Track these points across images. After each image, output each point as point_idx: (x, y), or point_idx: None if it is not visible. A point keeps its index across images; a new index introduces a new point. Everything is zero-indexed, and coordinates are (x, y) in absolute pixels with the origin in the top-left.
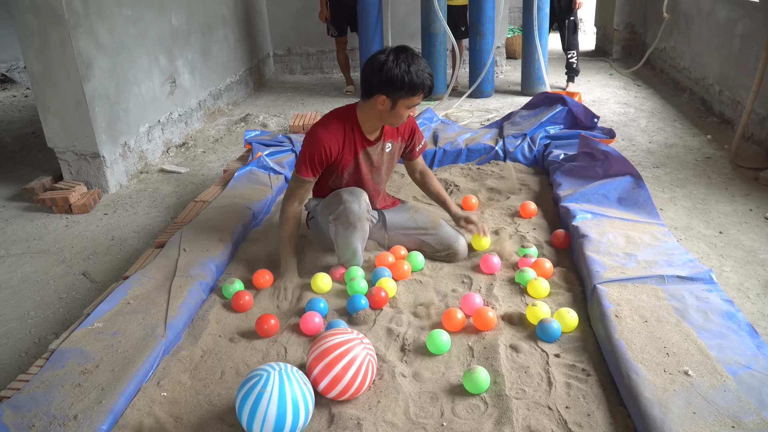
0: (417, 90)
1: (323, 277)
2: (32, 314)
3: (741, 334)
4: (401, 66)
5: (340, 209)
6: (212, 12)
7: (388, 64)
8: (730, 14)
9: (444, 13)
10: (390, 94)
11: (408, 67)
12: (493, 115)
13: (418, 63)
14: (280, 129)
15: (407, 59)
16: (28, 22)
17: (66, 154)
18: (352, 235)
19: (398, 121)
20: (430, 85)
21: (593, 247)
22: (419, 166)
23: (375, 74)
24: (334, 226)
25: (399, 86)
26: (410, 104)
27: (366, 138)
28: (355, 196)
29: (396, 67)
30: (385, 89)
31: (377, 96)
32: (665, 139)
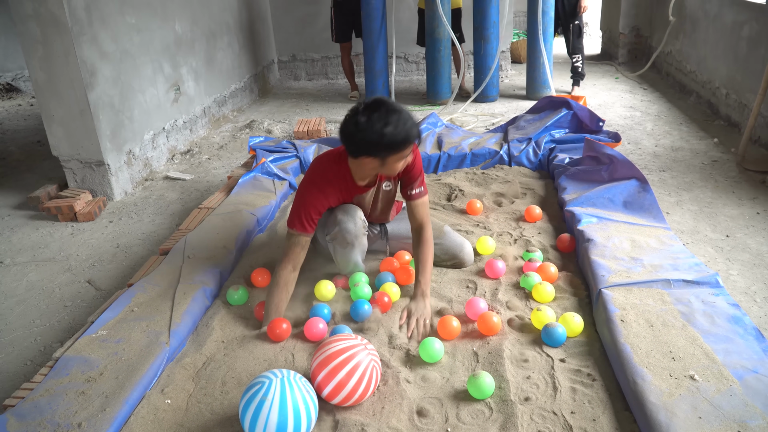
0: (401, 146)
1: (326, 285)
2: (37, 322)
3: (747, 338)
4: (377, 128)
5: (335, 230)
6: (216, 19)
7: (362, 127)
8: (737, 17)
9: (448, 18)
10: (377, 155)
11: (384, 127)
12: (498, 119)
13: (395, 118)
14: (284, 135)
15: (382, 118)
16: (31, 30)
17: (71, 162)
18: (351, 252)
19: (393, 172)
20: (416, 134)
21: (598, 251)
22: (417, 219)
23: (354, 137)
24: (332, 245)
25: (382, 148)
26: (401, 157)
27: (359, 186)
28: (349, 215)
29: (372, 131)
30: (370, 151)
31: (363, 158)
32: (671, 142)
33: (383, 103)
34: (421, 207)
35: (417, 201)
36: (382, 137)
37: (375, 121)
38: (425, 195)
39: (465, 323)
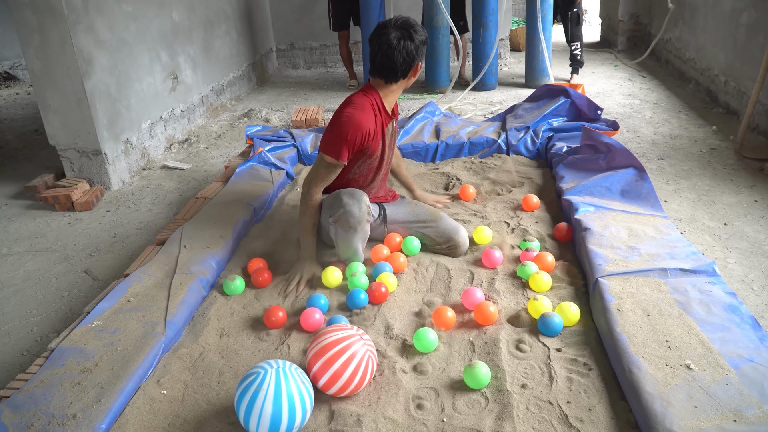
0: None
1: (333, 271)
2: (34, 312)
3: (744, 327)
4: (413, 28)
5: (340, 212)
6: (214, 7)
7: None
8: (736, 4)
9: (447, 6)
10: (422, 58)
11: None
12: (496, 107)
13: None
14: (282, 124)
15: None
16: (27, 19)
17: (68, 151)
18: (353, 237)
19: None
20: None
21: (596, 240)
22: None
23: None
24: (334, 227)
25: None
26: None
27: (387, 114)
28: (355, 199)
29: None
30: (420, 56)
31: (417, 65)
32: (670, 130)
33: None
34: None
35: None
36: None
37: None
38: None
39: (461, 313)
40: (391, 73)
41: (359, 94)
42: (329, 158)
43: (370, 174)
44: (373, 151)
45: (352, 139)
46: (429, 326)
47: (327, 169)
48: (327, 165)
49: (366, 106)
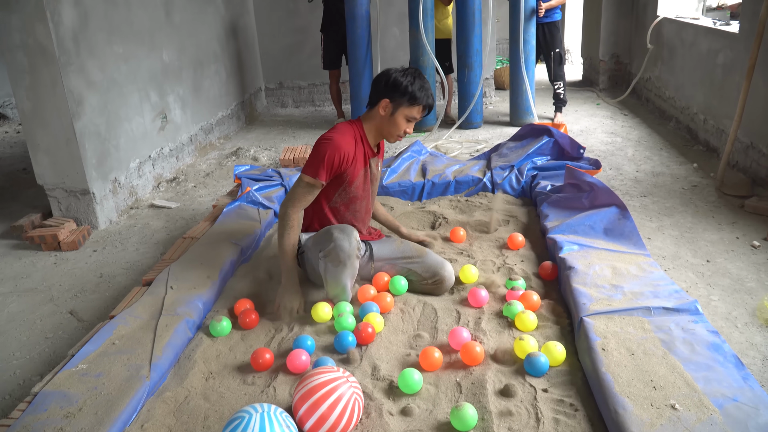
0: (417, 101)
1: (324, 306)
2: (17, 355)
3: (727, 366)
4: (408, 77)
5: (330, 246)
6: (204, 48)
7: (396, 73)
8: (712, 45)
9: (432, 47)
10: (393, 99)
11: (414, 79)
12: (482, 146)
13: (423, 81)
14: (271, 162)
15: (414, 75)
16: (18, 60)
17: (56, 191)
18: (342, 272)
19: (395, 132)
20: (431, 103)
21: (580, 279)
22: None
23: (384, 80)
24: (324, 262)
25: (402, 92)
26: (409, 115)
27: (371, 149)
28: (345, 234)
29: (403, 77)
30: (390, 93)
31: (382, 100)
32: (652, 167)
33: (418, 70)
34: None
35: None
36: (410, 84)
37: (409, 74)
38: None
39: (448, 353)
40: (370, 94)
41: (344, 122)
42: (307, 177)
43: (352, 205)
44: (352, 178)
45: (329, 159)
46: (416, 367)
47: (305, 189)
48: (305, 185)
49: (346, 132)
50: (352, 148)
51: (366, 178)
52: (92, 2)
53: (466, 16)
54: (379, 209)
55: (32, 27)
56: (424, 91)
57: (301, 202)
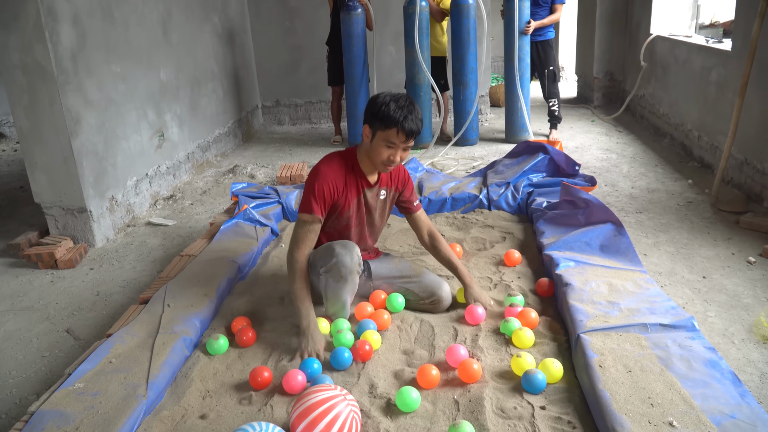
0: (390, 123)
1: (322, 322)
2: (14, 374)
3: (724, 382)
4: (386, 99)
5: (332, 262)
6: (201, 66)
7: (379, 98)
8: (705, 62)
9: (428, 65)
10: (371, 124)
11: (390, 101)
12: (478, 162)
13: (405, 104)
14: (267, 180)
15: (397, 99)
16: (17, 79)
17: (53, 209)
18: (343, 288)
19: (379, 159)
20: (408, 126)
21: (576, 295)
22: (425, 226)
23: (367, 106)
24: (325, 278)
25: (377, 116)
26: (387, 139)
27: (366, 179)
28: (347, 249)
29: (382, 101)
30: (368, 119)
31: (364, 127)
32: (647, 184)
33: (409, 96)
34: (424, 215)
35: (420, 212)
36: (384, 106)
37: (391, 98)
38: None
39: (445, 371)
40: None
41: (339, 151)
42: (304, 215)
43: (345, 232)
44: (343, 208)
45: (320, 192)
46: (413, 385)
47: (305, 229)
48: (303, 224)
49: (334, 161)
50: (342, 177)
51: (360, 208)
52: (91, 22)
53: (461, 34)
54: (442, 249)
55: (31, 47)
56: (400, 113)
57: (305, 243)
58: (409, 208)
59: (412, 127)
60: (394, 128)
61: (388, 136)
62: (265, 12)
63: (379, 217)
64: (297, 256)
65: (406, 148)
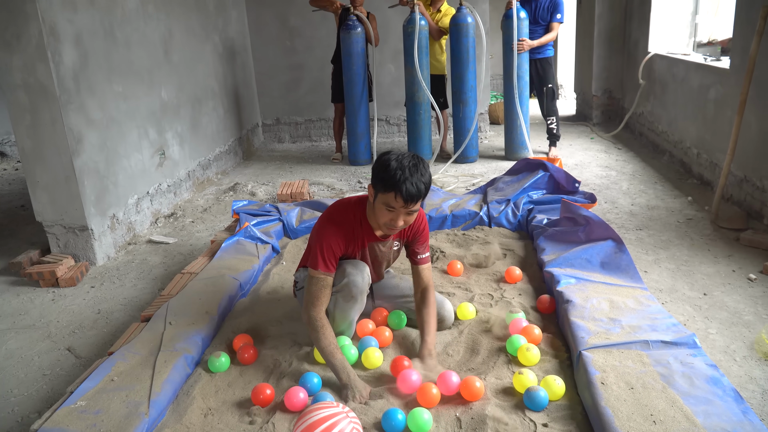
0: (390, 187)
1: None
2: (15, 392)
3: (726, 399)
4: (392, 162)
5: (344, 282)
6: (202, 85)
7: (383, 156)
8: (703, 80)
9: (427, 83)
10: (374, 185)
11: (395, 165)
12: (477, 180)
13: (407, 165)
14: (268, 197)
15: (401, 160)
16: (19, 99)
17: (54, 227)
18: (352, 308)
19: (380, 221)
20: (409, 191)
21: (578, 312)
22: (423, 282)
23: (377, 168)
24: (335, 298)
25: (378, 176)
26: (386, 203)
27: (374, 234)
28: (358, 270)
29: (385, 162)
30: (373, 178)
31: (369, 186)
32: (647, 201)
33: (416, 156)
34: (427, 270)
35: (424, 265)
36: (385, 169)
37: (395, 159)
38: (429, 261)
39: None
40: None
41: (350, 200)
42: (315, 273)
43: None
44: (351, 256)
45: (328, 249)
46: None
47: (317, 286)
48: (316, 281)
49: (344, 213)
50: (349, 233)
51: (365, 257)
52: (92, 42)
53: (461, 52)
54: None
55: (33, 67)
56: (400, 176)
57: (320, 300)
58: (414, 260)
59: (411, 191)
60: (392, 192)
61: (387, 199)
62: (265, 31)
63: (389, 261)
64: (315, 314)
65: (410, 212)
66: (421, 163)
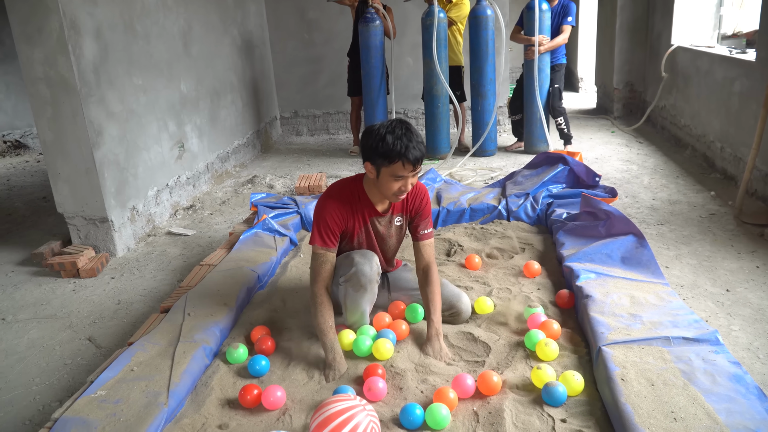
0: (392, 158)
1: (348, 333)
2: (37, 381)
3: (750, 397)
4: (382, 134)
5: (351, 271)
6: (221, 78)
7: (373, 132)
8: (728, 73)
9: (446, 75)
10: (372, 161)
11: (385, 134)
12: (496, 173)
13: (402, 133)
14: (286, 190)
15: (393, 129)
16: (41, 92)
17: (75, 219)
18: (362, 297)
19: (390, 192)
20: (412, 155)
21: (597, 307)
22: (424, 260)
23: (362, 142)
24: (344, 288)
25: (377, 152)
26: (394, 174)
27: (374, 208)
28: (366, 259)
29: (377, 134)
30: (368, 156)
31: (365, 164)
32: (669, 195)
33: (405, 122)
34: (428, 247)
35: (425, 241)
36: (381, 142)
37: (384, 128)
38: (432, 237)
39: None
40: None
41: (346, 179)
42: (316, 248)
43: None
44: (351, 235)
45: (325, 225)
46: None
47: (318, 261)
48: (317, 257)
49: (340, 190)
50: (347, 208)
51: (369, 235)
52: (113, 36)
53: (480, 45)
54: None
55: (54, 60)
56: (400, 145)
57: (322, 276)
58: (415, 236)
59: (417, 155)
60: (398, 162)
61: (394, 170)
62: (283, 24)
63: (396, 242)
64: (316, 290)
65: (415, 174)
66: (410, 126)
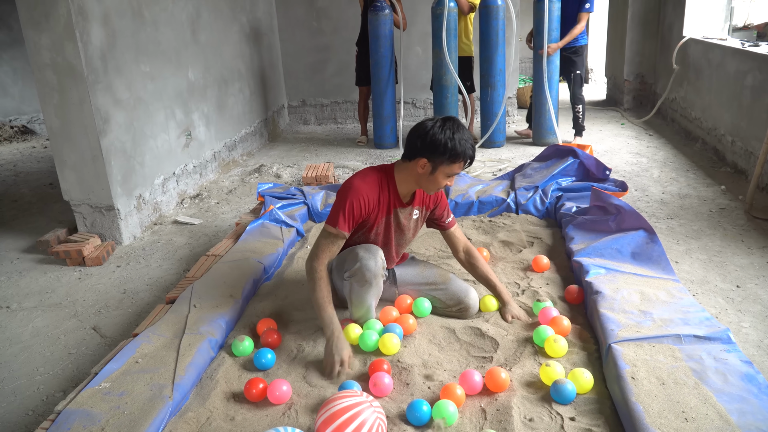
0: (458, 158)
1: (354, 327)
2: (41, 370)
3: (762, 397)
4: (446, 133)
5: (356, 266)
6: (228, 66)
7: (434, 129)
8: (740, 66)
9: (455, 66)
10: (432, 159)
11: (452, 134)
12: (505, 165)
13: (462, 132)
14: (293, 180)
15: (452, 128)
16: (48, 78)
17: (81, 206)
18: (367, 292)
19: (434, 188)
20: (472, 155)
21: (607, 304)
22: (461, 243)
23: (420, 138)
24: (349, 283)
25: (441, 151)
26: (449, 172)
27: (399, 199)
28: (371, 253)
29: (441, 133)
30: (428, 153)
31: (419, 159)
32: (678, 189)
33: (456, 119)
34: (458, 231)
35: (454, 227)
36: (449, 141)
37: (447, 128)
38: (456, 222)
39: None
40: (405, 147)
41: (374, 167)
42: (330, 228)
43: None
44: (371, 225)
45: (350, 209)
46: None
47: (328, 240)
48: (328, 235)
49: (371, 178)
50: (375, 195)
51: (389, 226)
52: (120, 22)
53: (490, 35)
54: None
55: (61, 46)
56: (464, 144)
57: (325, 254)
58: (442, 226)
59: (473, 154)
60: (461, 161)
61: (453, 168)
62: (292, 12)
63: (411, 235)
64: (317, 266)
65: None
66: (460, 123)
